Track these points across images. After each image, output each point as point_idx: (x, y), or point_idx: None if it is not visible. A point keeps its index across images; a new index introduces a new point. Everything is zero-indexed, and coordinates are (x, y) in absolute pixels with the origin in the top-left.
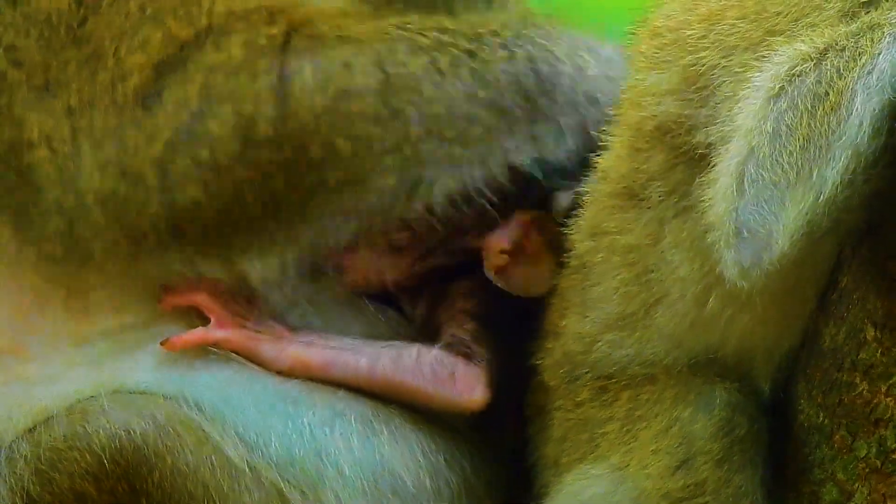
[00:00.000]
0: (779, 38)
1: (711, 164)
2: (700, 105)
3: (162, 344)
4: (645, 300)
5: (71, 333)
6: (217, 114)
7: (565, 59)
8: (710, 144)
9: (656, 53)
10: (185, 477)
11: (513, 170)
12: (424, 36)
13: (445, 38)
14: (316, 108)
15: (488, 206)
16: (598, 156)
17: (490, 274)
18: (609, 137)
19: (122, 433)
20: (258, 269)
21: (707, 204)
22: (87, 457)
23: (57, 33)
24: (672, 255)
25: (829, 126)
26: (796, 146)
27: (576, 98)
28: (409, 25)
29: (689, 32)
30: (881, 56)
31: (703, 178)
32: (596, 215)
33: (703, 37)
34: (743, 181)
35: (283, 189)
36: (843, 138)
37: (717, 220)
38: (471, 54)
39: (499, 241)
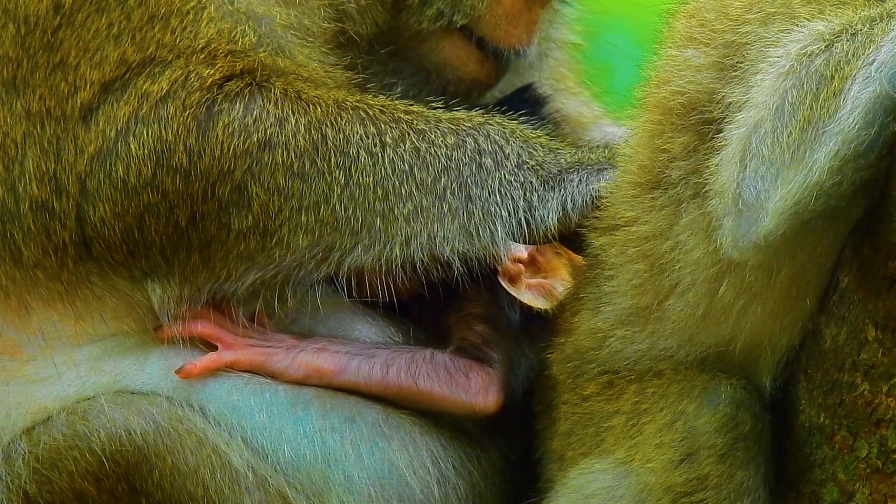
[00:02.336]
0: (809, 10)
1: (723, 131)
2: (737, 82)
3: (176, 372)
4: (658, 291)
5: (68, 336)
6: (139, 135)
7: (513, 157)
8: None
9: (697, 29)
10: (185, 477)
11: (435, 259)
12: (380, 111)
13: (403, 116)
14: (235, 150)
15: None
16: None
17: (503, 281)
18: (633, 124)
19: (123, 433)
20: (158, 295)
21: (713, 170)
22: (88, 456)
23: (33, 35)
24: (687, 237)
25: (828, 111)
26: (796, 127)
27: (515, 197)
28: (368, 101)
29: (734, 7)
30: (885, 48)
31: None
32: (614, 208)
33: (748, 9)
34: (745, 154)
35: (185, 223)
36: (835, 124)
37: (719, 187)
38: (420, 134)
39: (515, 251)
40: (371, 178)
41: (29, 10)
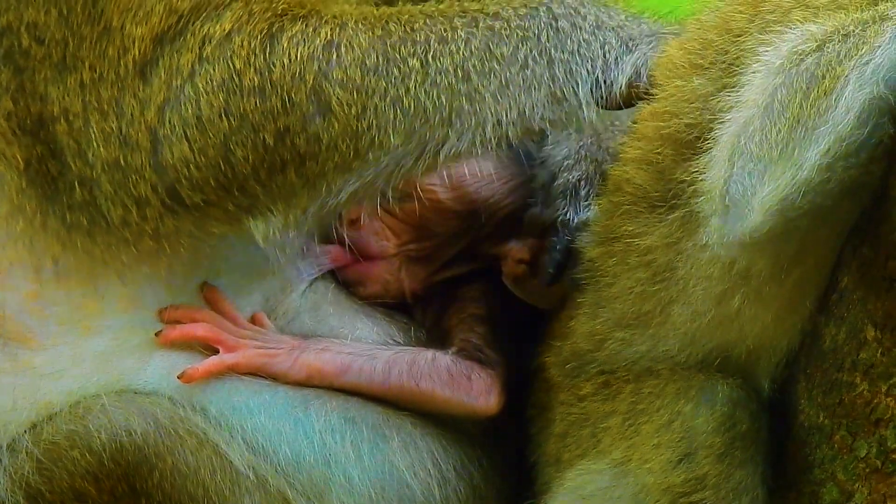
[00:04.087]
0: (803, 14)
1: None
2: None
3: (179, 377)
4: (661, 298)
5: (81, 324)
6: (206, 73)
7: (590, 18)
8: None
9: (698, 54)
10: (185, 478)
11: (528, 131)
12: (447, 7)
13: (471, 6)
14: (302, 55)
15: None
16: (611, 167)
17: (507, 281)
18: (627, 149)
19: (123, 433)
20: (261, 230)
21: (701, 169)
22: (88, 456)
23: (74, 12)
24: (699, 252)
25: (818, 109)
26: (785, 124)
27: (594, 57)
28: (431, 4)
29: (734, 22)
30: (880, 50)
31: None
32: (609, 223)
33: (750, 21)
34: (734, 152)
35: (273, 142)
36: (828, 124)
37: (707, 186)
38: (493, 15)
39: (518, 251)
40: (449, 61)
41: None
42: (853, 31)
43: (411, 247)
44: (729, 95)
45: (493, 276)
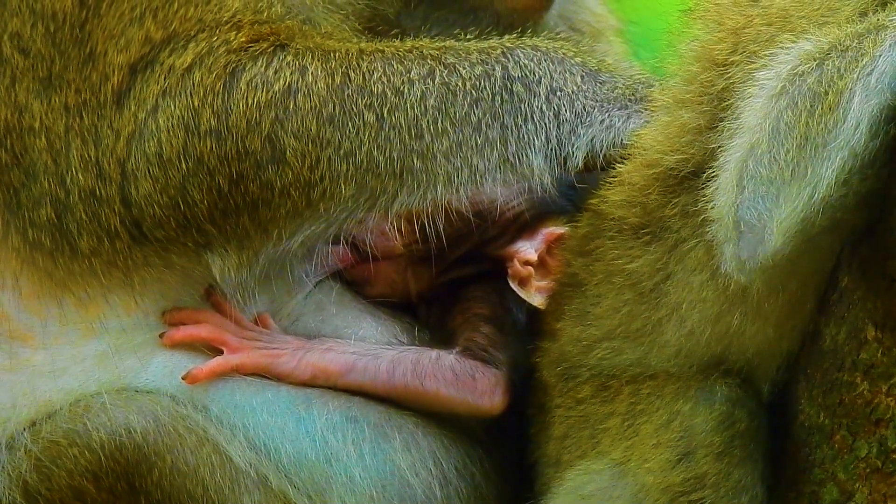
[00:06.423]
0: (789, 36)
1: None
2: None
3: (183, 378)
4: (651, 318)
5: (80, 326)
6: (167, 108)
7: (545, 82)
8: None
9: (683, 89)
10: (185, 477)
11: (481, 190)
12: (407, 51)
13: (431, 52)
14: (259, 101)
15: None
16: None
17: (513, 284)
18: (609, 192)
19: (123, 431)
20: (218, 266)
21: (709, 198)
22: (87, 454)
23: (62, 31)
24: (690, 276)
25: (826, 125)
26: (793, 144)
27: (548, 127)
28: (394, 43)
29: (717, 52)
30: (881, 58)
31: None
32: (592, 243)
33: (732, 51)
34: (742, 177)
35: (228, 187)
36: (840, 138)
37: (717, 214)
38: (449, 68)
39: (525, 254)
40: (403, 118)
41: (56, 7)
42: (850, 45)
43: (417, 247)
44: (725, 124)
45: (498, 276)
